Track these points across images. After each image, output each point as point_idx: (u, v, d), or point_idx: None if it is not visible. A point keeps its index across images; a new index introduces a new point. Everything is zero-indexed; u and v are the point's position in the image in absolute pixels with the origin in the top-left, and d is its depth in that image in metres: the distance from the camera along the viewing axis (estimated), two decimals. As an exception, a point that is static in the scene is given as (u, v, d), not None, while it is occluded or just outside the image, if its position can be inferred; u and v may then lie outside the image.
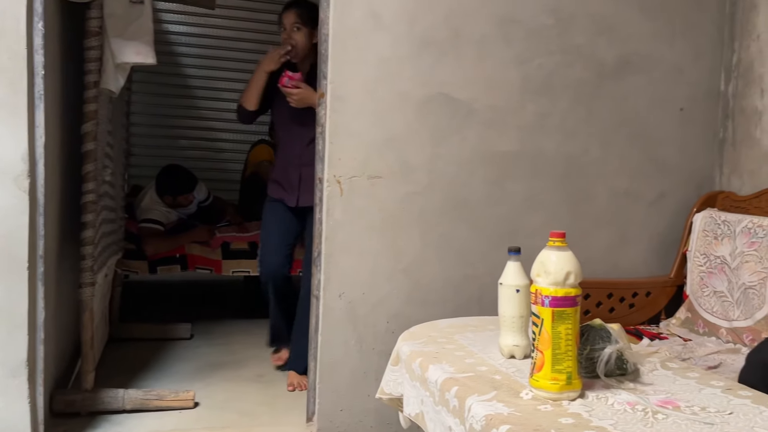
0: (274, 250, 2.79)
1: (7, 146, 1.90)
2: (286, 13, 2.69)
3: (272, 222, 2.84)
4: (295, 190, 2.76)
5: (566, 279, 1.30)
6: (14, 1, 1.88)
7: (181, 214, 3.77)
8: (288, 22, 2.67)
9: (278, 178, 2.85)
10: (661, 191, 2.47)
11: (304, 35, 2.67)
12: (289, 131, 2.79)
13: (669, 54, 2.44)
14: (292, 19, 2.66)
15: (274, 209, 2.85)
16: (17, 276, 1.93)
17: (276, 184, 2.86)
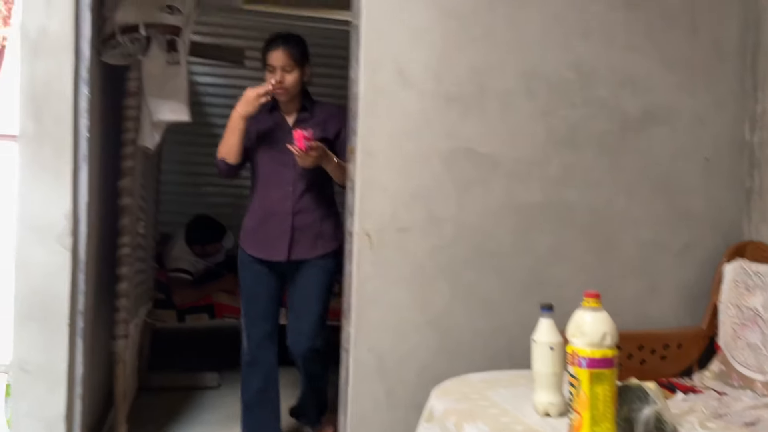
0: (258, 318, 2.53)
1: (51, 205, 1.97)
2: (274, 52, 2.42)
3: (256, 286, 2.52)
4: (284, 242, 2.46)
5: (603, 340, 1.31)
6: (62, 67, 1.98)
7: (210, 263, 3.83)
8: (277, 63, 2.42)
9: (256, 230, 2.50)
10: (687, 241, 2.48)
11: (296, 77, 2.45)
12: (276, 176, 2.47)
13: (692, 105, 2.47)
14: (282, 60, 2.42)
15: (256, 272, 2.52)
16: (58, 332, 1.98)
17: (253, 238, 2.51)
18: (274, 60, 2.43)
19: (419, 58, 2.25)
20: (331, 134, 2.51)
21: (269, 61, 2.44)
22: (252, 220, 2.52)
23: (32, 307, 1.99)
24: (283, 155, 2.42)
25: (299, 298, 2.53)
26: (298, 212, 2.46)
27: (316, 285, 2.54)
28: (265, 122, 2.51)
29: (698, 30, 2.46)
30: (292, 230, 2.46)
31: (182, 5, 2.53)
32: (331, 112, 2.57)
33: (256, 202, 2.52)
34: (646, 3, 2.41)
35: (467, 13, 2.28)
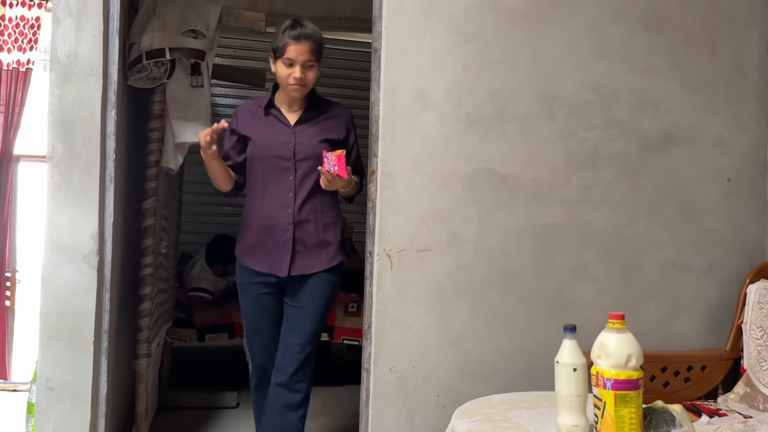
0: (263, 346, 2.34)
1: (79, 226, 2.01)
2: (296, 45, 2.15)
3: (257, 314, 2.32)
4: (286, 256, 2.23)
5: (628, 362, 1.31)
6: (91, 91, 2.03)
7: (229, 282, 3.86)
8: (300, 58, 2.17)
9: (255, 245, 2.27)
10: (710, 262, 2.46)
11: (316, 73, 2.24)
12: (275, 183, 2.24)
13: (713, 126, 2.47)
14: (305, 55, 2.17)
15: (257, 297, 2.30)
16: (83, 351, 2.01)
17: (251, 251, 2.28)
18: (295, 53, 2.16)
19: (439, 81, 2.28)
20: (336, 136, 2.29)
21: (288, 54, 2.16)
22: (249, 235, 2.28)
23: (58, 326, 2.02)
24: (281, 160, 2.22)
25: (294, 312, 2.29)
26: (299, 223, 2.22)
27: (315, 301, 2.29)
28: (259, 125, 2.26)
29: (718, 51, 2.46)
30: (294, 243, 2.23)
31: (206, 29, 2.59)
32: (337, 110, 2.35)
33: (253, 213, 2.27)
34: (666, 25, 2.43)
35: (487, 37, 2.31)
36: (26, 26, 4.14)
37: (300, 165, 2.22)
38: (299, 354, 2.27)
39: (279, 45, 2.19)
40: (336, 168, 2.10)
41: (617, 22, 2.39)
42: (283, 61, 2.19)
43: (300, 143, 2.23)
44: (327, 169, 2.11)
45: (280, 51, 2.19)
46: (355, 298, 3.61)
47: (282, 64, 2.19)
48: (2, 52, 4.11)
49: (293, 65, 2.18)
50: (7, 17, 4.11)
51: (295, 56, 2.17)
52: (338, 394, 3.59)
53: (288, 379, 2.26)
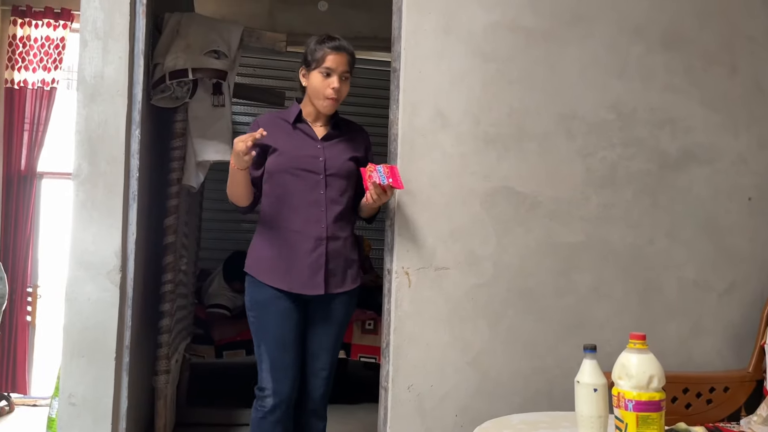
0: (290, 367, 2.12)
1: (102, 243, 2.05)
2: (337, 55, 2.11)
3: (284, 329, 2.11)
4: (321, 273, 2.11)
5: (650, 383, 1.30)
6: (116, 111, 2.08)
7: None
8: (339, 68, 2.11)
9: (278, 259, 2.12)
10: (732, 281, 2.43)
11: (347, 87, 2.17)
12: (304, 196, 2.13)
13: (733, 145, 2.45)
14: (344, 65, 2.12)
15: (283, 312, 2.11)
16: (105, 366, 2.03)
17: (275, 268, 2.12)
18: (334, 63, 2.10)
19: (458, 100, 2.30)
20: (359, 154, 2.24)
21: (328, 63, 2.09)
22: (269, 247, 2.14)
23: (81, 341, 2.04)
24: (312, 174, 2.13)
25: (319, 336, 2.19)
26: (331, 238, 2.12)
27: (341, 322, 2.23)
28: (285, 137, 2.17)
29: (738, 70, 2.46)
30: (327, 259, 2.12)
31: (228, 50, 2.64)
32: (356, 128, 2.31)
33: (277, 227, 2.14)
34: (685, 43, 2.43)
35: (505, 57, 2.33)
36: (51, 46, 4.23)
37: (330, 180, 2.14)
38: (326, 379, 2.21)
39: (315, 56, 2.11)
40: (390, 180, 2.04)
41: (635, 40, 2.40)
42: (321, 70, 2.11)
43: (330, 158, 2.16)
44: (378, 182, 2.04)
45: (317, 61, 2.11)
46: (372, 315, 3.61)
47: (318, 74, 2.11)
48: (27, 71, 4.20)
49: (331, 75, 2.11)
50: (33, 37, 4.21)
51: (334, 66, 2.10)
52: (355, 413, 3.57)
53: (318, 406, 2.20)
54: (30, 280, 4.15)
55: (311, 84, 2.14)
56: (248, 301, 2.16)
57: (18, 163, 4.13)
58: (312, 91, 2.14)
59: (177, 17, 2.56)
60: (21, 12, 4.18)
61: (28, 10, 4.18)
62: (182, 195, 2.66)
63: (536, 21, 2.35)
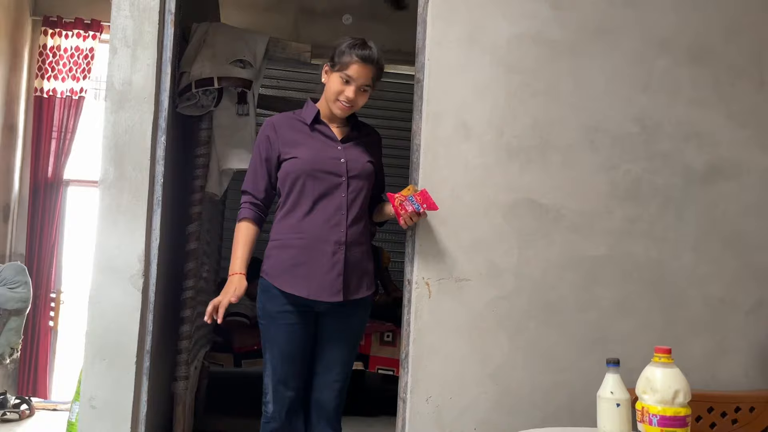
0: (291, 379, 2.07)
1: (126, 248, 2.07)
2: (363, 67, 2.05)
3: (290, 344, 2.05)
4: (339, 279, 2.05)
5: (675, 398, 1.28)
6: (143, 117, 2.11)
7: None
8: (360, 80, 2.06)
9: (297, 263, 2.04)
10: (759, 299, 2.39)
11: (366, 98, 2.13)
12: (325, 198, 2.07)
13: (761, 160, 2.42)
14: (366, 79, 2.07)
15: (290, 326, 2.05)
16: (125, 370, 2.04)
17: (292, 274, 2.04)
18: (356, 73, 2.05)
19: (481, 111, 2.30)
20: (374, 158, 2.21)
21: (350, 72, 2.05)
22: (288, 249, 2.06)
23: (103, 345, 2.06)
24: (333, 176, 2.07)
25: (333, 348, 2.12)
26: (349, 244, 2.06)
27: (355, 332, 2.18)
28: (304, 139, 2.11)
29: (766, 84, 2.43)
30: (345, 265, 2.06)
31: (253, 60, 2.67)
32: (371, 130, 2.27)
33: (294, 231, 2.06)
34: (712, 57, 2.41)
35: (530, 68, 2.32)
36: (80, 56, 4.32)
37: (351, 182, 2.09)
38: (340, 391, 2.14)
39: (342, 59, 2.06)
40: (425, 206, 2.08)
41: (661, 53, 2.39)
42: (341, 76, 2.06)
43: (351, 160, 2.10)
44: (413, 210, 2.07)
45: (341, 65, 2.06)
46: (391, 327, 3.60)
47: (338, 78, 2.07)
48: (56, 80, 4.30)
49: (349, 84, 2.06)
50: (63, 47, 4.30)
51: (356, 76, 2.05)
52: (372, 426, 3.55)
53: (332, 418, 2.14)
54: (54, 285, 4.21)
55: (329, 84, 2.10)
56: (260, 308, 2.12)
57: (45, 170, 4.21)
58: (327, 92, 2.10)
59: (204, 27, 2.60)
60: (52, 22, 4.28)
61: (58, 20, 4.28)
62: (205, 202, 2.68)
63: (561, 33, 2.35)
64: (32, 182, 4.20)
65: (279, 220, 2.12)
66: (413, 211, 2.06)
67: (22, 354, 3.93)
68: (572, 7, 2.36)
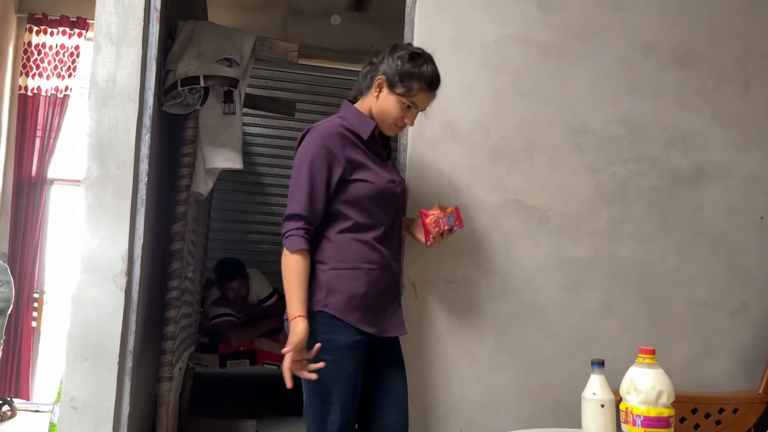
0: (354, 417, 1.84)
1: (109, 247, 2.04)
2: (428, 95, 1.90)
3: (357, 379, 1.82)
4: (398, 309, 1.95)
5: (658, 398, 1.28)
6: (127, 115, 2.08)
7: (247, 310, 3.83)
8: (422, 108, 1.93)
9: (373, 297, 1.85)
10: (743, 301, 2.40)
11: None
12: (388, 224, 1.91)
13: (745, 163, 2.44)
14: (426, 105, 1.94)
15: (359, 360, 1.82)
16: (108, 371, 2.01)
17: (363, 309, 1.83)
18: (424, 103, 1.91)
19: (468, 111, 2.30)
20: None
21: (417, 101, 1.88)
22: (366, 282, 1.83)
23: (85, 345, 2.03)
24: (392, 200, 1.91)
25: (396, 378, 1.94)
26: (399, 271, 2.01)
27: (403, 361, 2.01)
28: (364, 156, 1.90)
29: (751, 88, 2.45)
30: (397, 296, 1.99)
31: (240, 58, 2.64)
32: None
33: (366, 253, 1.85)
34: (698, 61, 2.42)
35: (517, 70, 2.33)
36: (65, 54, 4.28)
37: (400, 207, 1.99)
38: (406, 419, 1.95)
39: (408, 84, 1.85)
40: (458, 223, 2.01)
41: (647, 56, 2.40)
42: (403, 101, 1.86)
43: (398, 182, 1.96)
44: (448, 228, 1.97)
45: (406, 89, 1.85)
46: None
47: (398, 102, 1.87)
48: (41, 78, 4.25)
49: (411, 110, 1.89)
50: (48, 45, 4.25)
51: (422, 106, 1.91)
52: (358, 426, 3.54)
53: None
54: (37, 285, 4.16)
55: (385, 104, 1.88)
56: (325, 341, 1.75)
57: (29, 168, 4.16)
58: (382, 112, 1.89)
59: (190, 25, 2.57)
60: (37, 20, 4.24)
61: (43, 18, 4.23)
62: (191, 202, 2.65)
63: (548, 35, 2.35)
64: (15, 181, 4.15)
65: (341, 242, 1.84)
66: (446, 230, 1.96)
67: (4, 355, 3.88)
68: (559, 9, 2.37)
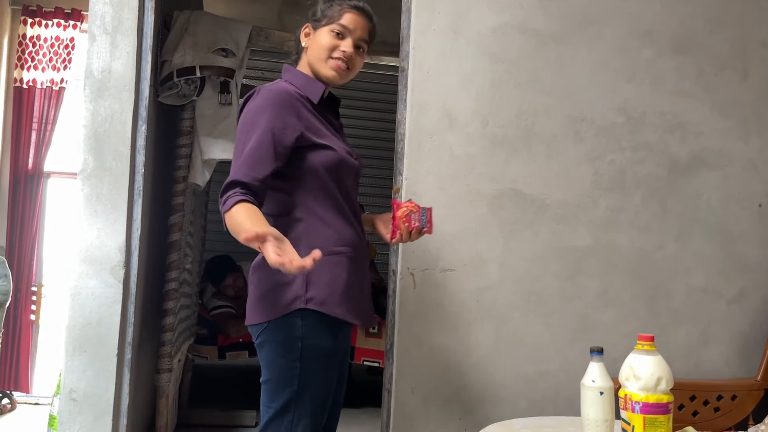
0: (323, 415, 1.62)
1: (106, 238, 2.04)
2: (358, 17, 1.67)
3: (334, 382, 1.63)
4: (370, 297, 1.73)
5: (657, 385, 1.28)
6: (123, 106, 2.07)
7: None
8: (356, 32, 1.66)
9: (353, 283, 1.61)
10: (741, 289, 2.40)
11: (361, 62, 1.72)
12: (352, 203, 1.68)
13: (744, 150, 2.43)
14: (363, 31, 1.68)
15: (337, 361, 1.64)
16: (107, 362, 2.01)
17: (350, 297, 1.60)
18: (353, 23, 1.66)
19: (466, 100, 2.29)
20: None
21: (343, 21, 1.65)
22: (346, 267, 1.60)
23: (84, 337, 2.03)
24: (352, 172, 1.68)
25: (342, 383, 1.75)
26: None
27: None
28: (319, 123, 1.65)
29: (750, 75, 2.44)
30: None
31: (236, 48, 2.63)
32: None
33: (344, 236, 1.62)
34: (696, 48, 2.41)
35: (514, 58, 2.31)
36: (60, 46, 4.24)
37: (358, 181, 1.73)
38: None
39: (331, 12, 1.66)
40: (428, 227, 1.73)
41: (646, 44, 2.39)
42: (332, 28, 1.64)
43: (357, 156, 1.72)
44: (418, 226, 1.71)
45: (329, 18, 1.65)
46: (377, 319, 3.59)
47: (329, 32, 1.64)
48: (36, 71, 4.22)
49: (345, 37, 1.65)
50: (42, 37, 4.22)
51: (352, 26, 1.65)
52: (357, 417, 3.55)
53: None
54: (35, 279, 4.15)
55: (316, 42, 1.66)
56: (309, 347, 1.54)
57: (25, 161, 4.14)
58: (315, 52, 1.65)
59: (186, 15, 2.56)
60: (31, 12, 4.20)
61: (38, 10, 4.20)
62: (188, 193, 2.65)
63: (546, 23, 2.34)
64: (12, 174, 4.13)
65: (312, 225, 1.57)
66: (416, 228, 1.71)
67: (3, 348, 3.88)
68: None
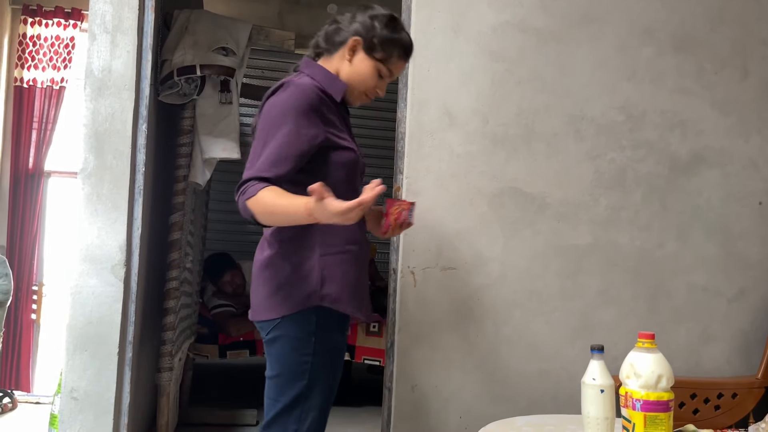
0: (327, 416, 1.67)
1: (107, 237, 2.04)
2: (403, 64, 1.75)
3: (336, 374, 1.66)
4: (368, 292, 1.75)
5: (658, 382, 1.28)
6: (123, 105, 2.07)
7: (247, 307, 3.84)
8: (396, 75, 1.75)
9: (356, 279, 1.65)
10: (742, 287, 2.40)
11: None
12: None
13: (744, 149, 2.43)
14: (399, 74, 1.81)
15: (339, 353, 1.68)
16: (108, 361, 2.02)
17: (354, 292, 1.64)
18: (398, 71, 1.74)
19: (466, 99, 2.29)
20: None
21: (392, 67, 1.70)
22: (354, 265, 1.65)
23: (85, 336, 2.03)
24: (362, 168, 1.73)
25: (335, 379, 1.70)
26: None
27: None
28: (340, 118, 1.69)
29: (750, 73, 2.44)
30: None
31: (236, 47, 2.63)
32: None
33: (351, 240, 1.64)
34: (696, 47, 2.41)
35: (515, 57, 2.32)
36: (61, 46, 4.24)
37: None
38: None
39: (386, 48, 1.66)
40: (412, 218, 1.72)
41: (646, 42, 2.39)
42: (380, 68, 1.67)
43: (363, 155, 1.76)
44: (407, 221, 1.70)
45: (383, 55, 1.67)
46: (377, 317, 3.59)
47: (374, 68, 1.67)
48: (37, 70, 4.22)
49: (384, 79, 1.70)
50: (43, 36, 4.22)
51: (397, 73, 1.73)
52: (358, 415, 3.55)
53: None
54: (36, 278, 4.15)
55: (359, 69, 1.67)
56: (322, 342, 1.59)
57: (26, 161, 4.14)
58: (353, 75, 1.67)
59: (186, 14, 2.56)
60: (32, 11, 4.20)
61: (38, 9, 4.20)
62: (189, 192, 2.64)
63: (546, 21, 2.34)
64: (12, 173, 4.13)
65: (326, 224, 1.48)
66: (405, 222, 1.70)
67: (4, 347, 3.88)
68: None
